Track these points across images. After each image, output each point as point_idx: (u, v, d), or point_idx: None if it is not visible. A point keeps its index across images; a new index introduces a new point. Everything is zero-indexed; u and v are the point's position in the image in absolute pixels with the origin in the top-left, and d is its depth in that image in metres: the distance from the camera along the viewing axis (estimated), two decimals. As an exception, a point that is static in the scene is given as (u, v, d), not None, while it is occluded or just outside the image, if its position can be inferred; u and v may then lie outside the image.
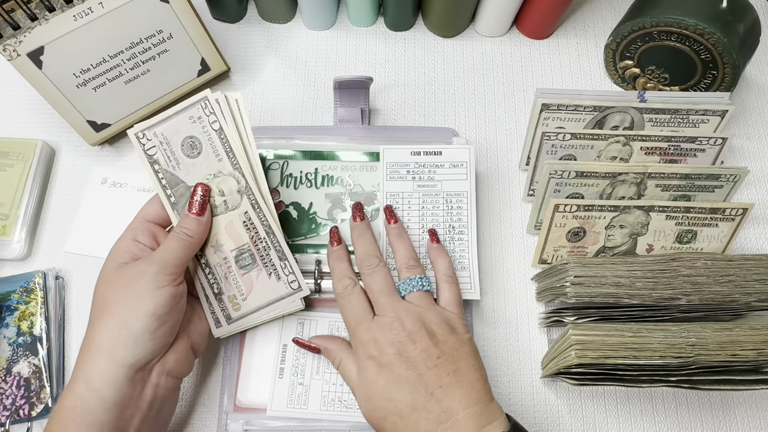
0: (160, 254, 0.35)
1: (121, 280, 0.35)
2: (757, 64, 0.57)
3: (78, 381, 0.33)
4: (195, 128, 0.38)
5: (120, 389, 0.33)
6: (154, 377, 0.35)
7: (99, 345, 0.33)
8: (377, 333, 0.36)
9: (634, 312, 0.41)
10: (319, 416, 0.41)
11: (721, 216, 0.44)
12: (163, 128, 0.38)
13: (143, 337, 0.34)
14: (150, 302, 0.34)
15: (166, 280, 0.35)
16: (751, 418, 0.44)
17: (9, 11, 0.40)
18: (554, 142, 0.47)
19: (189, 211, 0.37)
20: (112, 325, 0.33)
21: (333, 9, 0.56)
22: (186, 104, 0.38)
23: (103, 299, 0.35)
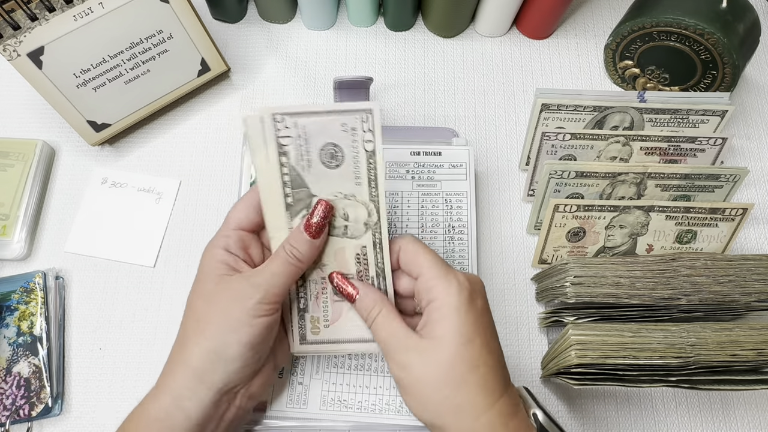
0: (264, 278, 0.32)
1: (220, 299, 0.32)
2: (757, 64, 0.57)
3: (165, 393, 0.32)
4: (345, 138, 0.32)
5: (206, 410, 0.32)
6: (238, 400, 0.34)
7: (189, 363, 0.32)
8: None
9: (634, 312, 0.41)
10: (318, 416, 0.41)
11: (721, 216, 0.44)
12: (307, 121, 0.32)
13: (235, 365, 0.32)
14: (248, 332, 0.32)
15: (266, 310, 0.32)
16: (751, 418, 0.44)
17: (9, 11, 0.40)
18: (554, 142, 0.47)
19: (305, 231, 0.33)
20: (205, 348, 0.32)
21: (333, 9, 0.56)
22: (344, 108, 0.31)
23: (198, 315, 0.33)
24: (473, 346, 0.30)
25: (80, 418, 0.43)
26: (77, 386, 0.44)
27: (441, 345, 0.30)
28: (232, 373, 0.32)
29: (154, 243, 0.48)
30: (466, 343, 0.30)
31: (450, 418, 0.30)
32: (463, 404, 0.30)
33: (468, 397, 0.30)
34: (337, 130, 0.32)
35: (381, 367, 0.43)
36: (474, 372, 0.30)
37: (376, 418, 0.41)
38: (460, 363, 0.30)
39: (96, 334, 0.46)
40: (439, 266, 0.32)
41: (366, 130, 0.32)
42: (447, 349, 0.30)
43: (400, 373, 0.31)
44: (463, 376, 0.29)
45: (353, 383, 0.42)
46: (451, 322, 0.30)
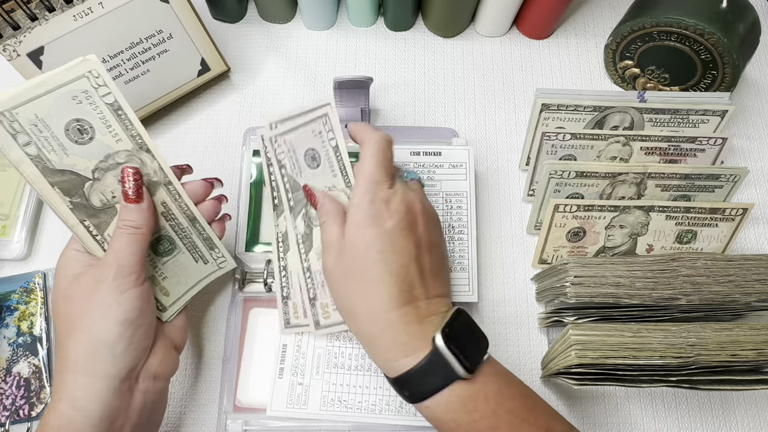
0: (111, 256, 0.33)
1: (80, 293, 0.32)
2: (757, 64, 0.57)
3: (60, 400, 0.31)
4: (316, 141, 0.38)
5: (106, 403, 0.31)
6: (140, 384, 0.34)
7: (75, 362, 0.31)
8: None
9: (634, 312, 0.41)
10: (318, 416, 0.41)
11: (721, 216, 0.44)
12: (291, 137, 0.37)
13: (120, 346, 0.32)
14: (117, 309, 0.32)
15: (128, 283, 0.32)
16: (751, 418, 0.44)
17: (9, 11, 0.40)
18: (554, 142, 0.47)
19: (125, 201, 0.34)
20: (84, 341, 0.31)
21: (333, 9, 0.56)
22: (310, 118, 0.38)
23: (67, 316, 0.32)
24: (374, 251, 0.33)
25: (80, 418, 0.43)
26: (77, 386, 0.44)
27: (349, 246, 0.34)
28: (119, 356, 0.32)
29: (154, 243, 0.48)
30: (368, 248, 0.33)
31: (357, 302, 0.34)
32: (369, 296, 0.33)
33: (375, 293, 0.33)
34: (310, 137, 0.38)
35: (381, 367, 0.43)
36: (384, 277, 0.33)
37: (376, 418, 0.41)
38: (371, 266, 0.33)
39: (96, 334, 0.46)
40: (369, 181, 0.35)
41: (328, 130, 0.38)
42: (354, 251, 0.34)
43: (331, 263, 0.35)
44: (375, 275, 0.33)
45: (353, 383, 0.42)
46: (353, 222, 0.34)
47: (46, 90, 0.30)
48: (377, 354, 0.33)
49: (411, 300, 0.33)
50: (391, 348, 0.32)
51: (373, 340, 0.33)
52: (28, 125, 0.31)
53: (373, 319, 0.33)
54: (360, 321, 0.34)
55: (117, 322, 0.32)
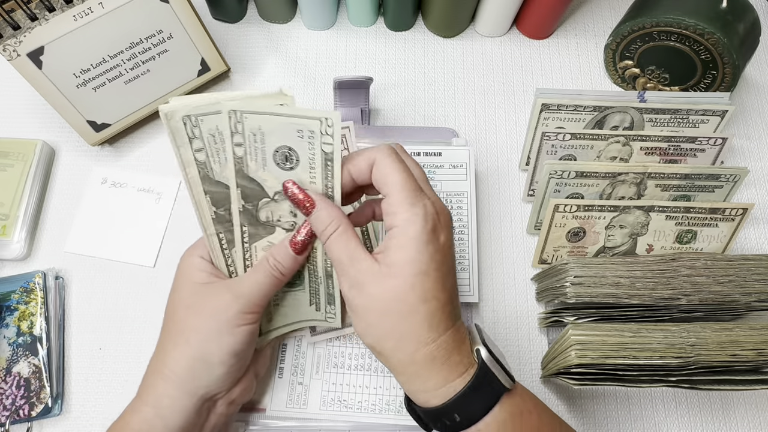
0: (247, 288, 0.32)
1: (201, 307, 0.33)
2: (757, 64, 0.57)
3: (146, 403, 0.32)
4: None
5: (188, 418, 0.32)
6: (219, 407, 0.34)
7: (173, 372, 0.32)
8: None
9: (634, 312, 0.41)
10: (318, 416, 0.41)
11: (721, 216, 0.44)
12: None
13: (218, 373, 0.32)
14: (231, 340, 0.32)
15: (249, 319, 0.33)
16: (751, 418, 0.44)
17: (9, 11, 0.40)
18: (554, 142, 0.47)
19: (291, 247, 0.33)
20: (188, 356, 0.32)
21: (333, 9, 0.56)
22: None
23: (179, 323, 0.33)
24: (427, 279, 0.29)
25: (80, 418, 0.43)
26: (77, 386, 0.44)
27: (395, 273, 0.29)
28: (214, 380, 0.32)
29: (154, 243, 0.48)
30: (421, 275, 0.29)
31: (390, 344, 0.29)
32: (406, 334, 0.29)
33: (412, 329, 0.29)
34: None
35: (381, 367, 0.43)
36: (423, 305, 0.29)
37: (376, 418, 0.41)
38: (410, 293, 0.29)
39: (96, 334, 0.46)
40: (408, 190, 0.30)
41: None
42: (400, 278, 0.29)
43: (350, 292, 0.30)
44: (412, 308, 0.29)
45: (353, 383, 0.42)
46: (409, 252, 0.29)
47: (283, 113, 0.30)
48: (422, 384, 0.30)
49: (456, 317, 0.31)
50: (438, 373, 0.29)
51: (418, 372, 0.29)
52: (248, 131, 0.31)
53: (419, 347, 0.29)
54: (402, 351, 0.29)
55: (225, 351, 0.32)
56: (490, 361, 0.30)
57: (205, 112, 0.30)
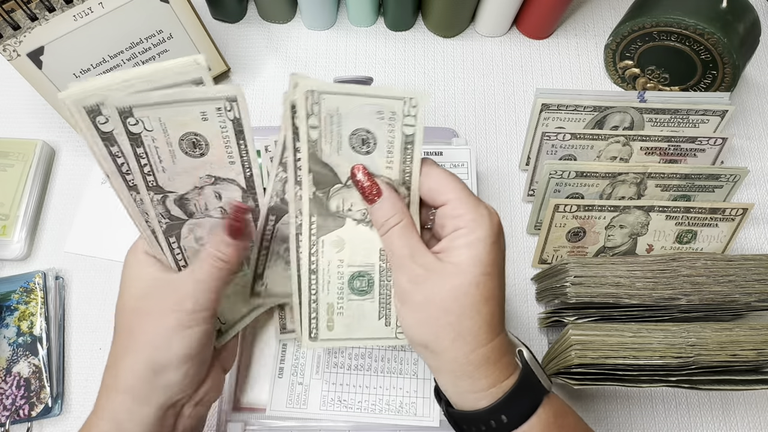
0: (192, 286, 0.31)
1: (147, 311, 0.31)
2: (757, 64, 0.57)
3: (103, 419, 0.30)
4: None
5: (150, 429, 0.30)
6: (186, 411, 0.33)
7: (126, 383, 0.30)
8: None
9: (634, 312, 0.40)
10: (318, 416, 0.41)
11: (721, 216, 0.44)
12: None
13: (175, 380, 0.30)
14: (181, 344, 0.30)
15: (200, 318, 0.30)
16: (751, 418, 0.44)
17: (9, 11, 0.40)
18: (554, 142, 0.47)
19: (227, 233, 0.31)
20: (139, 364, 0.30)
21: (333, 9, 0.56)
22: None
23: (128, 329, 0.31)
24: (491, 279, 0.29)
25: (80, 418, 0.43)
26: (77, 386, 0.44)
27: (460, 270, 0.29)
28: (171, 387, 0.31)
29: (154, 243, 0.48)
30: (486, 275, 0.29)
31: (446, 343, 0.29)
32: (464, 333, 0.29)
33: (472, 328, 0.29)
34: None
35: (381, 367, 0.43)
36: (485, 304, 0.29)
37: (376, 418, 0.41)
38: (475, 292, 0.29)
39: (96, 334, 0.46)
40: (468, 195, 0.30)
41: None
42: (466, 275, 0.29)
43: (409, 285, 0.30)
44: (474, 306, 0.29)
45: (353, 383, 0.42)
46: (476, 251, 0.29)
47: (363, 93, 0.29)
48: (472, 384, 0.29)
49: (504, 320, 0.31)
50: (491, 374, 0.29)
51: (471, 372, 0.29)
52: (324, 113, 0.30)
53: (476, 347, 0.29)
54: (458, 350, 0.29)
55: (178, 356, 0.30)
56: (533, 362, 0.30)
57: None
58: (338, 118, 0.30)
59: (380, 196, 0.31)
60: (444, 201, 0.31)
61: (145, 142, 0.31)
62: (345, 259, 0.33)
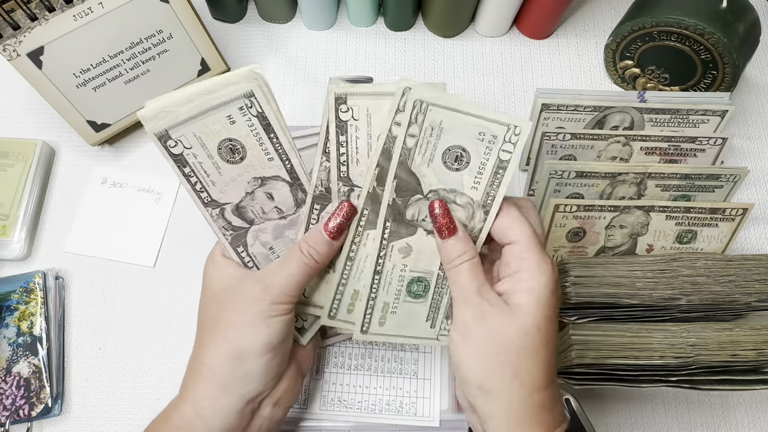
0: (279, 278, 0.31)
1: (233, 301, 0.32)
2: (757, 64, 0.57)
3: (187, 401, 0.31)
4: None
5: (228, 420, 0.31)
6: (263, 410, 0.33)
7: (211, 370, 0.31)
8: None
9: (635, 312, 0.40)
10: (318, 416, 0.41)
11: (721, 216, 0.44)
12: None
13: (257, 369, 0.31)
14: (265, 332, 0.31)
15: (282, 309, 0.31)
16: (751, 418, 0.44)
17: (9, 11, 0.40)
18: (554, 142, 0.47)
19: (325, 232, 0.32)
20: (225, 352, 0.31)
21: (333, 9, 0.56)
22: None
23: (213, 318, 0.32)
24: (551, 324, 0.30)
25: (80, 418, 0.43)
26: (77, 386, 0.44)
27: (524, 311, 0.29)
28: (254, 377, 0.31)
29: (154, 243, 0.48)
30: (546, 318, 0.30)
31: (505, 382, 0.29)
32: (522, 374, 0.29)
33: (531, 370, 0.29)
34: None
35: (381, 367, 0.43)
36: (545, 348, 0.29)
37: (376, 418, 0.41)
38: (536, 333, 0.29)
39: (96, 334, 0.46)
40: (536, 241, 0.31)
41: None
42: (529, 316, 0.29)
43: (473, 320, 0.30)
44: (534, 348, 0.29)
45: (353, 383, 0.42)
46: (539, 295, 0.30)
47: (470, 113, 0.30)
48: None
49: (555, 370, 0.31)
50: (544, 423, 0.29)
51: (527, 419, 0.29)
52: (427, 124, 0.30)
53: (533, 392, 0.29)
54: (515, 392, 0.29)
55: (261, 345, 0.31)
56: (580, 413, 0.31)
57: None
58: (438, 132, 0.30)
59: (454, 234, 0.31)
60: (512, 240, 0.31)
61: (189, 160, 0.31)
62: (409, 265, 0.34)
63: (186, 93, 0.30)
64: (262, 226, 0.34)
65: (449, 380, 0.42)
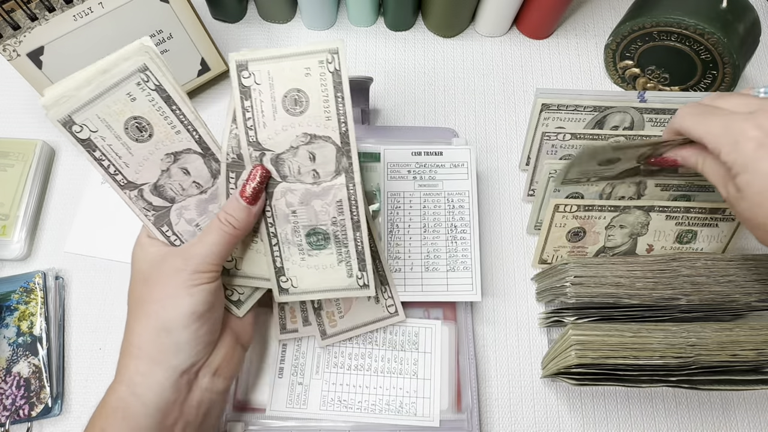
0: (198, 249, 0.32)
1: (156, 278, 0.32)
2: (757, 64, 0.57)
3: (121, 382, 0.31)
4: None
5: (163, 393, 0.31)
6: (201, 380, 0.33)
7: (139, 348, 0.31)
8: None
9: (634, 312, 0.41)
10: (318, 416, 0.41)
11: (721, 216, 0.44)
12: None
13: (185, 339, 0.31)
14: (188, 301, 0.31)
15: (205, 278, 0.32)
16: (751, 418, 0.44)
17: (9, 11, 0.40)
18: (554, 142, 0.47)
19: (241, 196, 0.33)
20: (151, 327, 0.31)
21: (333, 9, 0.56)
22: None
23: (138, 298, 0.33)
24: None
25: (80, 418, 0.43)
26: (77, 386, 0.44)
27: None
28: (183, 347, 0.32)
29: (154, 243, 0.48)
30: None
31: None
32: None
33: None
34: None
35: (381, 367, 0.43)
36: None
37: (376, 418, 0.41)
38: None
39: (96, 334, 0.46)
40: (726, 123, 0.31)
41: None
42: None
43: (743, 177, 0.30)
44: None
45: (353, 383, 0.42)
46: None
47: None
48: None
49: None
50: None
51: None
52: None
53: None
54: None
55: (185, 314, 0.31)
56: None
57: None
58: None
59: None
60: None
61: (97, 143, 0.31)
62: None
63: (83, 75, 0.30)
64: (185, 203, 0.34)
65: (449, 380, 0.43)
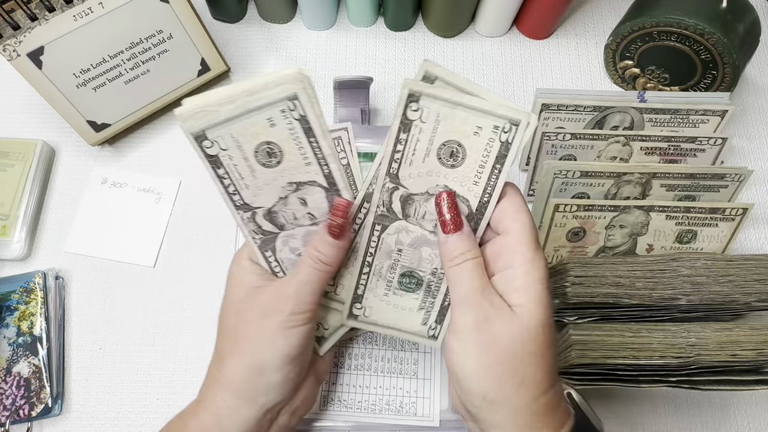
0: (293, 288, 0.31)
1: (252, 313, 0.31)
2: (757, 64, 0.57)
3: (206, 410, 0.31)
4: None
5: (247, 429, 0.31)
6: (280, 418, 0.33)
7: (230, 381, 0.31)
8: None
9: (634, 312, 0.40)
10: (318, 416, 0.41)
11: (721, 216, 0.44)
12: None
13: (276, 381, 0.31)
14: (284, 344, 0.31)
15: (300, 319, 0.31)
16: (751, 418, 0.44)
17: (9, 11, 0.40)
18: (554, 142, 0.47)
19: (329, 234, 0.31)
20: (244, 365, 0.31)
21: (333, 9, 0.56)
22: None
23: (233, 331, 0.32)
24: (551, 324, 0.28)
25: (80, 418, 0.43)
26: (77, 386, 0.44)
27: (527, 313, 0.28)
28: (273, 388, 0.31)
29: (154, 243, 0.48)
30: (548, 318, 0.28)
31: (510, 390, 0.28)
32: (529, 379, 0.28)
33: (536, 375, 0.28)
34: None
35: (381, 367, 0.43)
36: (548, 349, 0.28)
37: (376, 418, 0.41)
38: (542, 336, 0.28)
39: (96, 334, 0.46)
40: (532, 232, 0.29)
41: None
42: (533, 318, 0.28)
43: (474, 324, 0.28)
44: (539, 351, 0.28)
45: (353, 383, 0.42)
46: (536, 294, 0.28)
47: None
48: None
49: None
50: (552, 422, 0.28)
51: (533, 423, 0.28)
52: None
53: (539, 395, 0.28)
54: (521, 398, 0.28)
55: (280, 357, 0.31)
56: (584, 405, 0.30)
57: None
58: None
59: (459, 230, 0.30)
60: (505, 230, 0.30)
61: (224, 162, 0.30)
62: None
63: (227, 92, 0.29)
64: (292, 232, 0.33)
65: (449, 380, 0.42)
